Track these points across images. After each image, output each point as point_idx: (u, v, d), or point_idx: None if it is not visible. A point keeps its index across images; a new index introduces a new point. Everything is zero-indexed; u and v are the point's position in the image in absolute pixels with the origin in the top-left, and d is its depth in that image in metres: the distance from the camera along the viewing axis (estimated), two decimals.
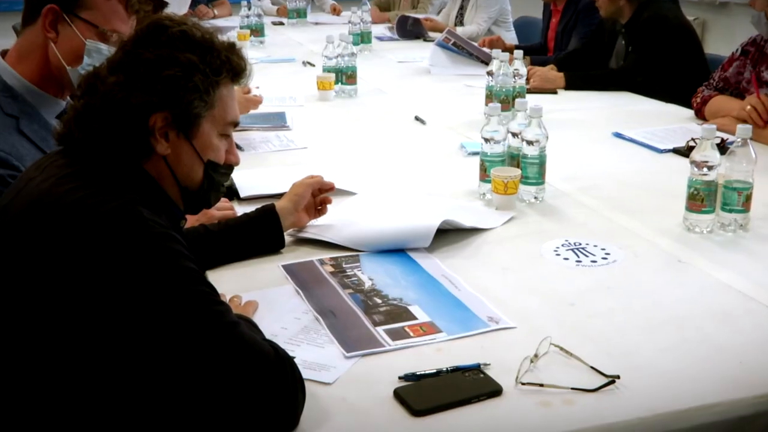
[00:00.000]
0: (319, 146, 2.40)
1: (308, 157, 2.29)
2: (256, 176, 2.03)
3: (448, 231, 1.66)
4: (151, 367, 0.99)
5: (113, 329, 0.98)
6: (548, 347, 1.18)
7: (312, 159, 2.26)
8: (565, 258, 1.56)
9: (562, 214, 1.80)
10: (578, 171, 2.11)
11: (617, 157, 2.27)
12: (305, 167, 2.02)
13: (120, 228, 1.00)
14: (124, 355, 0.99)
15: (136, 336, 0.98)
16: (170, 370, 0.98)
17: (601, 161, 2.23)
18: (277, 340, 1.11)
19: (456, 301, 1.37)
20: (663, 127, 2.49)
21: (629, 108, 2.83)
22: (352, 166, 2.17)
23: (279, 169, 2.13)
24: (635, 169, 2.15)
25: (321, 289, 1.42)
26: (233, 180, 1.96)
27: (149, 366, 0.99)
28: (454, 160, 2.25)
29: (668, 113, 2.73)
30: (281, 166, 2.17)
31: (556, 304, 1.36)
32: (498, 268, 1.52)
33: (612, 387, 1.10)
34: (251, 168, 2.11)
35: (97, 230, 1.00)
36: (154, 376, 0.99)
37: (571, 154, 2.25)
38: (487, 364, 1.15)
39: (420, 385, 1.11)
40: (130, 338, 0.98)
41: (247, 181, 1.96)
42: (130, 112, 1.09)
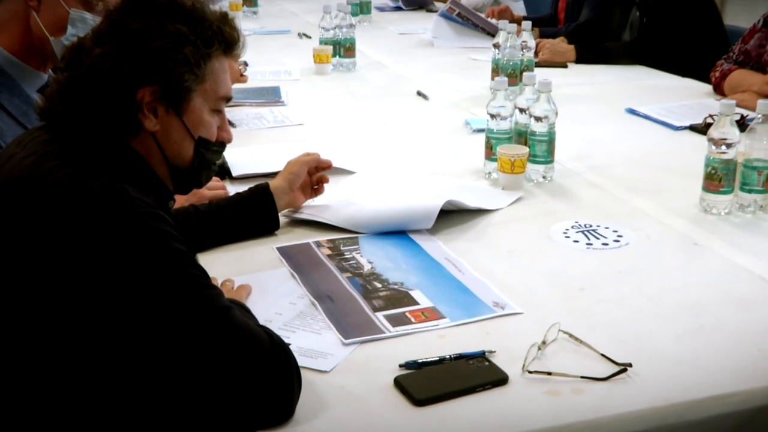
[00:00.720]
0: (315, 123, 2.39)
1: (304, 135, 2.28)
2: (249, 154, 2.03)
3: (452, 212, 1.66)
4: (138, 354, 0.99)
5: (98, 313, 0.98)
6: (557, 334, 1.19)
7: (308, 136, 2.26)
8: (575, 240, 1.56)
9: (572, 195, 1.80)
10: (589, 149, 2.11)
11: (630, 134, 2.26)
12: (301, 145, 2.01)
13: (105, 207, 0.99)
14: (110, 341, 0.99)
15: (122, 321, 0.98)
16: (159, 357, 0.98)
17: (614, 139, 2.22)
18: (271, 326, 1.11)
19: (460, 285, 1.37)
20: (679, 102, 2.49)
21: (643, 82, 2.82)
22: (351, 144, 2.17)
23: (273, 147, 2.12)
24: (649, 147, 2.15)
25: (318, 273, 1.42)
26: (225, 158, 1.95)
27: (137, 352, 0.99)
28: (458, 137, 2.25)
29: (685, 88, 2.72)
30: (275, 144, 2.17)
31: (566, 289, 1.37)
32: (504, 250, 1.52)
33: (624, 375, 1.10)
34: (244, 146, 2.11)
35: (81, 210, 0.99)
36: (142, 362, 1.00)
37: (581, 131, 2.24)
38: (493, 351, 1.16)
39: (422, 373, 1.11)
40: (116, 323, 0.98)
41: (240, 160, 1.96)
42: (116, 85, 1.08)
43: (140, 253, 0.98)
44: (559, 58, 3.07)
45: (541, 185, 1.84)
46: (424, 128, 2.34)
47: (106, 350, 1.00)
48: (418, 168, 1.97)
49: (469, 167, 1.96)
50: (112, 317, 0.98)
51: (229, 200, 1.57)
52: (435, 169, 1.97)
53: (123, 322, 0.98)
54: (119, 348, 1.00)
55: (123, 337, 0.99)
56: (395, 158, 2.07)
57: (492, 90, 1.93)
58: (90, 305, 0.98)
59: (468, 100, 2.60)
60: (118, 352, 1.00)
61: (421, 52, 3.40)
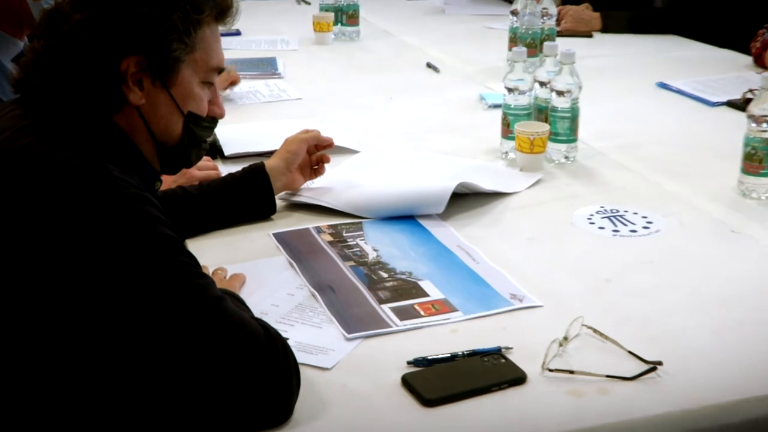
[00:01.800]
0: (315, 97, 2.39)
1: (303, 110, 2.28)
2: (242, 131, 2.03)
3: (465, 195, 1.65)
4: (122, 348, 0.99)
5: (80, 303, 0.98)
6: (580, 329, 1.18)
7: (307, 112, 2.25)
8: (601, 227, 1.55)
9: (597, 177, 1.79)
10: (616, 127, 2.10)
11: (662, 110, 2.26)
12: (299, 121, 2.01)
13: (86, 188, 0.99)
14: (92, 333, 0.99)
15: (105, 312, 0.98)
16: (144, 352, 0.98)
17: (643, 115, 2.21)
18: (267, 320, 1.11)
19: (473, 275, 1.37)
20: (715, 76, 2.47)
21: (676, 54, 2.80)
22: (354, 121, 2.16)
23: (269, 124, 2.12)
24: (682, 124, 2.14)
25: (318, 261, 1.42)
26: (216, 136, 1.95)
27: (120, 346, 0.99)
28: (472, 113, 2.24)
29: (722, 60, 2.71)
30: (272, 120, 2.17)
31: (590, 280, 1.36)
32: (522, 238, 1.52)
33: (653, 375, 1.10)
34: (237, 122, 2.10)
35: (60, 191, 0.99)
36: (126, 357, 1.00)
37: (608, 107, 2.23)
38: (509, 347, 1.16)
39: (431, 371, 1.11)
40: (99, 314, 0.98)
41: (233, 137, 1.96)
42: (98, 55, 1.08)
43: (124, 238, 0.98)
44: (584, 26, 3.05)
45: (563, 166, 1.84)
46: (434, 104, 2.33)
47: (86, 343, 1.00)
48: (427, 147, 1.97)
49: (483, 146, 1.95)
50: (94, 307, 0.98)
51: (221, 181, 1.57)
52: (446, 148, 1.96)
53: (106, 313, 0.98)
54: (101, 341, 1.00)
55: (105, 329, 0.99)
56: (403, 136, 2.07)
57: (509, 62, 1.92)
58: (70, 293, 0.98)
59: (483, 72, 2.59)
60: (100, 345, 1.00)
61: (431, 20, 3.39)
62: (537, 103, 1.89)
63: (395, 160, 1.87)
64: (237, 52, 2.86)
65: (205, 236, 1.51)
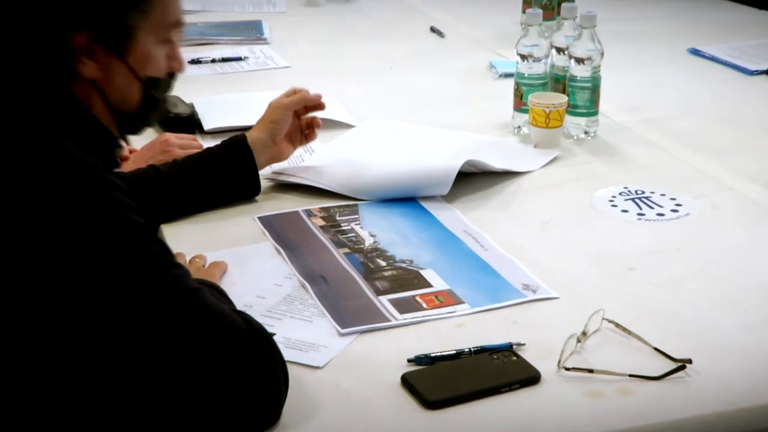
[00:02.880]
0: (305, 65, 2.39)
1: (292, 80, 2.25)
2: (224, 104, 2.02)
3: (473, 175, 1.66)
4: (92, 345, 0.99)
5: (45, 297, 0.98)
6: (600, 323, 1.19)
7: (297, 81, 2.23)
8: (624, 210, 1.56)
9: (621, 154, 1.80)
10: (642, 98, 2.10)
11: (693, 80, 2.26)
12: None
13: (45, 173, 0.99)
14: (60, 329, 0.99)
15: (71, 306, 0.98)
16: (116, 349, 0.99)
17: (673, 86, 2.22)
18: (251, 313, 1.11)
19: (482, 263, 1.37)
20: (754, 41, 2.47)
21: (710, 16, 2.80)
22: (349, 92, 2.16)
23: (254, 95, 2.11)
24: (716, 95, 2.14)
25: (308, 248, 1.42)
26: (195, 108, 1.95)
27: (90, 342, 0.99)
28: (480, 83, 2.24)
29: (761, 23, 2.70)
30: (257, 91, 2.16)
31: (611, 269, 1.37)
32: (537, 222, 1.52)
33: (681, 374, 1.10)
34: (218, 93, 2.10)
35: (15, 174, 0.99)
36: (96, 354, 1.00)
37: (633, 76, 2.23)
38: (522, 344, 1.16)
39: (435, 370, 1.11)
40: (66, 309, 0.98)
41: (213, 110, 1.96)
42: (45, 32, 1.07)
43: (89, 225, 0.98)
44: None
45: (582, 142, 1.84)
46: (438, 73, 2.33)
47: (53, 340, 1.00)
48: (431, 121, 1.97)
49: (494, 120, 1.96)
50: (60, 302, 0.98)
51: (197, 158, 1.56)
52: (452, 122, 1.96)
53: (72, 309, 0.98)
54: (68, 338, 1.00)
55: (72, 325, 0.99)
56: (403, 109, 2.07)
57: (523, 25, 1.92)
58: (33, 287, 0.98)
59: (493, 38, 2.58)
60: (67, 343, 1.00)
61: None
62: (553, 71, 1.89)
63: (395, 136, 1.87)
64: (218, 14, 2.86)
65: (182, 221, 1.51)
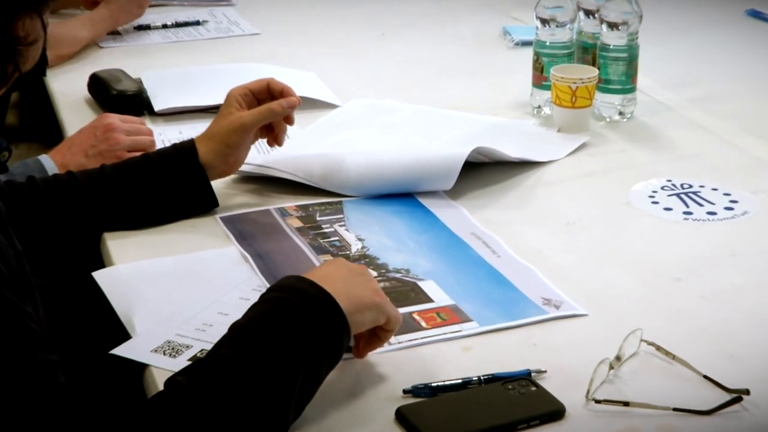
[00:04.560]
0: (278, 32, 2.39)
1: (261, 50, 2.27)
2: (178, 79, 2.02)
3: (482, 165, 1.65)
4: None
5: None
6: (638, 345, 1.18)
7: (267, 52, 2.25)
8: (667, 208, 1.55)
9: (663, 140, 1.80)
10: (689, 72, 2.10)
11: (752, 49, 2.26)
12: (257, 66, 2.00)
13: None
14: None
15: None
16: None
17: (727, 56, 2.22)
18: (212, 333, 1.11)
19: (493, 273, 1.37)
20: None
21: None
22: (332, 65, 2.16)
23: (215, 69, 2.11)
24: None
25: (282, 255, 1.42)
26: (143, 85, 1.95)
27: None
28: (492, 54, 2.24)
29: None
30: (218, 64, 2.16)
31: (652, 279, 1.37)
32: (560, 222, 1.52)
33: (737, 407, 1.09)
34: (171, 66, 2.10)
35: None
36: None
37: (678, 45, 2.23)
38: (542, 371, 1.16)
39: (436, 403, 1.11)
40: None
41: (165, 87, 1.95)
42: None
43: None
44: None
45: (616, 126, 1.84)
46: (440, 41, 2.33)
47: None
48: (431, 100, 1.96)
49: (508, 99, 1.96)
50: None
51: (132, 167, 1.54)
52: (457, 101, 1.96)
53: None
54: None
55: None
56: (397, 86, 2.06)
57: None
58: None
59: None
60: None
61: None
62: (581, 39, 1.89)
63: (387, 118, 1.86)
64: None
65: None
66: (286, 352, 1.04)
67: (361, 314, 1.12)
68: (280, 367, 1.04)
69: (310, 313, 1.07)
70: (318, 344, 1.07)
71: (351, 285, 1.14)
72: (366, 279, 1.17)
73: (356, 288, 1.14)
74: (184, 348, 1.21)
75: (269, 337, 1.05)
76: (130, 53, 2.25)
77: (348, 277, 1.15)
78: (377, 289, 1.16)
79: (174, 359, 1.18)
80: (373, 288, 1.16)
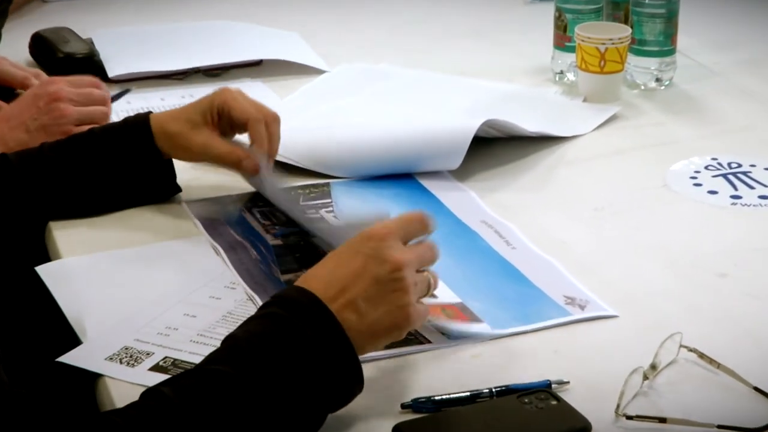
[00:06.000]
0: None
1: (230, 8, 2.27)
2: (136, 39, 2.02)
3: (495, 141, 1.65)
4: None
5: None
6: (677, 352, 1.19)
7: (238, 9, 2.24)
8: (712, 191, 1.56)
9: (708, 111, 1.80)
10: (739, 31, 2.11)
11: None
12: (229, 26, 2.00)
13: None
14: None
15: None
16: None
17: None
18: (176, 337, 1.11)
19: (508, 267, 1.38)
20: None
21: None
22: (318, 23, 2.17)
23: (180, 28, 2.11)
24: None
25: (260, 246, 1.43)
26: (94, 46, 1.94)
27: None
28: (506, 10, 2.24)
29: None
30: (183, 21, 2.16)
31: (693, 275, 1.37)
32: (586, 208, 1.53)
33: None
34: (128, 24, 2.10)
35: None
36: None
37: None
38: (565, 382, 1.16)
39: (440, 419, 1.11)
40: None
41: (121, 49, 1.96)
42: None
43: None
44: None
45: (652, 94, 1.85)
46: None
47: None
48: (434, 64, 1.97)
49: (525, 63, 1.97)
50: None
51: (83, 144, 1.54)
52: (465, 65, 1.97)
53: None
54: None
55: None
56: (395, 47, 2.06)
57: None
58: None
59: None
60: None
61: None
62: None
63: (383, 85, 1.86)
64: None
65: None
66: (285, 385, 1.04)
67: (374, 342, 1.11)
68: (276, 400, 1.03)
69: (321, 356, 1.05)
70: (322, 389, 1.06)
71: (373, 306, 1.11)
72: (395, 290, 1.12)
73: (377, 310, 1.11)
74: (144, 355, 1.20)
75: (270, 364, 1.04)
76: (78, 9, 2.24)
77: (370, 293, 1.11)
78: (404, 305, 1.12)
79: (133, 368, 1.18)
80: (400, 304, 1.11)
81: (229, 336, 1.07)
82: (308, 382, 1.05)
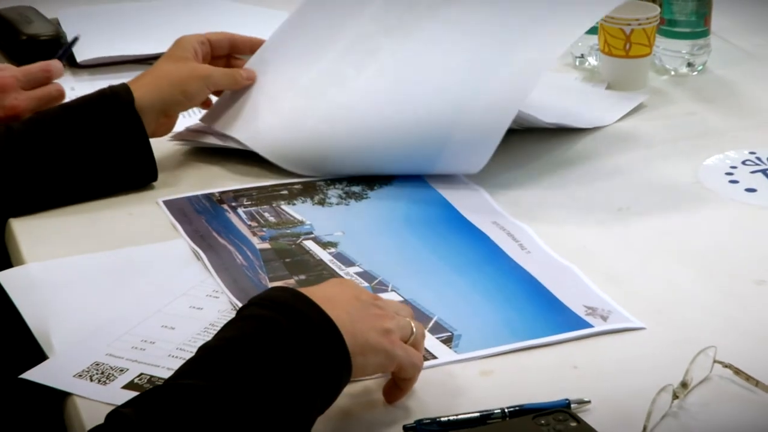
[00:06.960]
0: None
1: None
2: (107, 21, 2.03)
3: (508, 134, 1.63)
4: None
5: None
6: (710, 368, 1.19)
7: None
8: (750, 189, 1.57)
9: (745, 100, 1.81)
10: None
11: None
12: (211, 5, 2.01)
13: None
14: None
15: None
16: None
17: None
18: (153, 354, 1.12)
19: (522, 274, 1.38)
20: None
21: None
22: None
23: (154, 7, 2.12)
24: None
25: None
26: (61, 27, 1.95)
27: None
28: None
29: None
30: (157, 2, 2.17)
31: (728, 282, 1.37)
32: (609, 207, 1.54)
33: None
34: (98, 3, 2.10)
35: None
36: None
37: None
38: (586, 401, 1.16)
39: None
40: None
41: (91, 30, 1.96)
42: None
43: None
44: None
45: (683, 81, 1.86)
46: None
47: None
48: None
49: None
50: None
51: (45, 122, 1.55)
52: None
53: None
54: None
55: None
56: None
57: None
58: None
59: None
60: None
61: None
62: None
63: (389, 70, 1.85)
64: None
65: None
66: (268, 389, 1.03)
67: (363, 357, 1.10)
68: (259, 408, 1.02)
69: (306, 341, 1.05)
70: (310, 383, 1.05)
71: (357, 319, 1.12)
72: (377, 314, 1.15)
73: (362, 323, 1.12)
74: (117, 372, 1.20)
75: (248, 368, 1.03)
76: None
77: (354, 307, 1.13)
78: (388, 329, 1.14)
79: (105, 386, 1.18)
80: (384, 328, 1.13)
81: (202, 346, 1.07)
82: (292, 377, 1.04)
